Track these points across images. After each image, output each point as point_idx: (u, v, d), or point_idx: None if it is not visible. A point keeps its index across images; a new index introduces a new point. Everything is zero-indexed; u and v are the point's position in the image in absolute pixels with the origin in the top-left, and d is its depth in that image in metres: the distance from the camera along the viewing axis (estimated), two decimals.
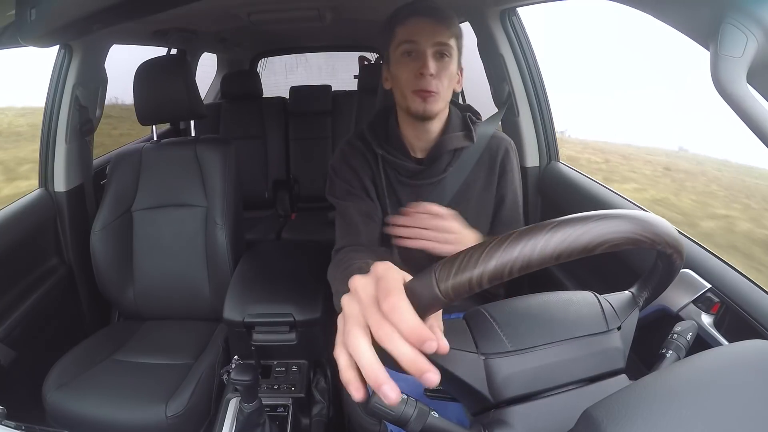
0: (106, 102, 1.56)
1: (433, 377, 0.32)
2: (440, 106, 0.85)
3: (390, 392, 0.31)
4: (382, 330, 0.32)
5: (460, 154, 0.91)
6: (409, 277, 0.37)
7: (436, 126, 0.89)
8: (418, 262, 0.63)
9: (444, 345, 0.34)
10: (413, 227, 0.82)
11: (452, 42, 0.83)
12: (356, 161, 0.93)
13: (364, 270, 0.41)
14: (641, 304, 0.51)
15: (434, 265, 0.34)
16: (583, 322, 0.47)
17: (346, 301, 0.37)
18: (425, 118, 0.85)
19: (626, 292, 0.53)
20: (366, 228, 0.88)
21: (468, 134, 0.90)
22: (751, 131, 0.47)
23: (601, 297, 0.51)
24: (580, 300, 0.50)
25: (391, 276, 0.35)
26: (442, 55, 0.82)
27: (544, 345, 0.45)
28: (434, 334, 0.33)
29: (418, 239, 0.81)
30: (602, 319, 0.48)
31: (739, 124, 0.47)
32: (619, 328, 0.48)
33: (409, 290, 0.34)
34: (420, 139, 0.90)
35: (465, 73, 0.91)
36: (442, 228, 0.81)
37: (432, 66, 0.80)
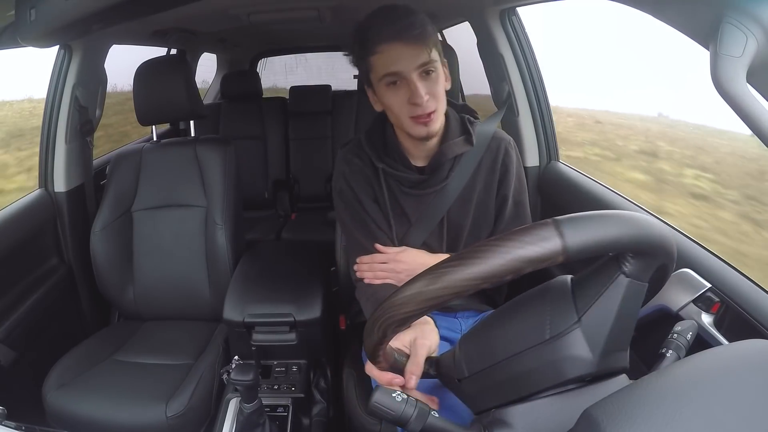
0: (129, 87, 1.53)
1: (397, 381, 0.56)
2: (440, 121, 0.83)
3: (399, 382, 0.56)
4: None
5: (460, 158, 0.91)
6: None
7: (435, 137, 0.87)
8: None
9: (410, 385, 0.55)
10: (374, 265, 0.90)
11: (434, 54, 0.78)
12: (355, 181, 0.92)
13: None
14: (628, 269, 0.41)
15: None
16: (524, 336, 0.44)
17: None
18: (428, 138, 0.83)
19: (607, 256, 0.43)
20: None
21: (468, 138, 0.89)
22: (751, 131, 0.47)
23: (559, 286, 0.45)
24: (529, 303, 0.47)
25: None
26: (428, 72, 0.78)
27: (486, 368, 0.47)
28: (405, 376, 0.56)
29: (378, 277, 0.89)
30: (544, 325, 0.43)
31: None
32: (578, 321, 0.42)
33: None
34: (420, 150, 0.89)
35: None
36: (393, 269, 0.88)
37: (422, 90, 0.76)
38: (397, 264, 0.88)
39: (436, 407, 0.47)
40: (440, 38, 0.84)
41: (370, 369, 0.56)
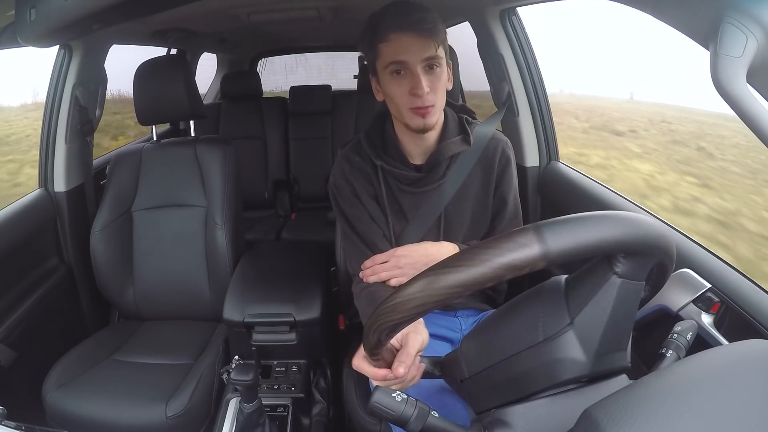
0: None
1: (382, 373, 0.56)
2: (438, 116, 0.85)
3: (399, 367, 0.55)
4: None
5: (457, 157, 0.92)
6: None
7: (433, 134, 0.89)
8: None
9: (397, 372, 0.54)
10: (375, 267, 0.89)
11: (440, 51, 0.80)
12: (355, 178, 0.93)
13: None
14: (620, 269, 0.41)
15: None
16: (519, 337, 0.45)
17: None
18: (425, 131, 0.85)
19: (599, 257, 0.42)
20: (374, 253, 0.92)
21: (465, 138, 0.91)
22: (751, 131, 0.47)
23: (552, 288, 0.45)
24: (524, 305, 0.47)
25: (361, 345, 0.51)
26: (432, 67, 0.80)
27: (485, 369, 0.47)
28: (393, 364, 0.55)
29: (381, 278, 0.88)
30: (537, 327, 0.43)
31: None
32: (570, 323, 0.42)
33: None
34: (418, 147, 0.91)
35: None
36: (395, 265, 0.87)
37: (425, 83, 0.79)
38: (399, 259, 0.87)
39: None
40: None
41: (359, 364, 0.58)
